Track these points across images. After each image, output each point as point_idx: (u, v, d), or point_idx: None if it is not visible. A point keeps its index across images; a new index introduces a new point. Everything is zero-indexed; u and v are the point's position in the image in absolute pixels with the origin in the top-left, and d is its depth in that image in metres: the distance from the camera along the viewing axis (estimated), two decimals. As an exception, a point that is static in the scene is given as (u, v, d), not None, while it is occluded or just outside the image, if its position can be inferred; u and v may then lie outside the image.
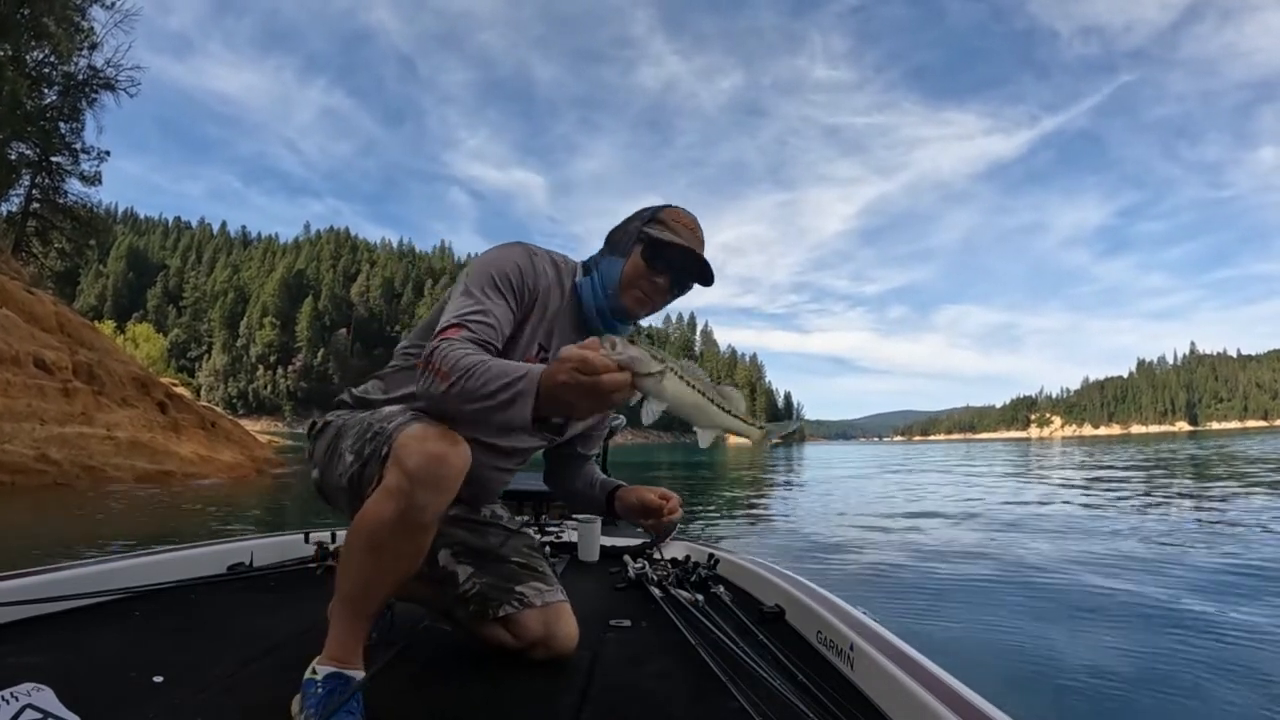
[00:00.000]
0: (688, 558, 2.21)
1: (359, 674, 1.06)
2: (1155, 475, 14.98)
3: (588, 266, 1.35)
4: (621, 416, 2.91)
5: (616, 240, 1.33)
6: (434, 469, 1.01)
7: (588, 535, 2.39)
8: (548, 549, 2.41)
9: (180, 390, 17.48)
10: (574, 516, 2.84)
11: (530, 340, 1.28)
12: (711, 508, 9.87)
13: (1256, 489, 10.77)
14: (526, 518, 2.99)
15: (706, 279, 1.32)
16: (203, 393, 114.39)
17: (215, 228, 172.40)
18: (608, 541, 2.43)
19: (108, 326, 48.10)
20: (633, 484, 3.61)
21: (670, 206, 1.35)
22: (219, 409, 22.39)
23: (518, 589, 1.35)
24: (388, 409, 1.21)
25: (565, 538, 2.55)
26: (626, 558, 2.21)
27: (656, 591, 1.81)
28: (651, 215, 1.32)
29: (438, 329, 1.15)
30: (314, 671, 1.04)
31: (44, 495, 9.22)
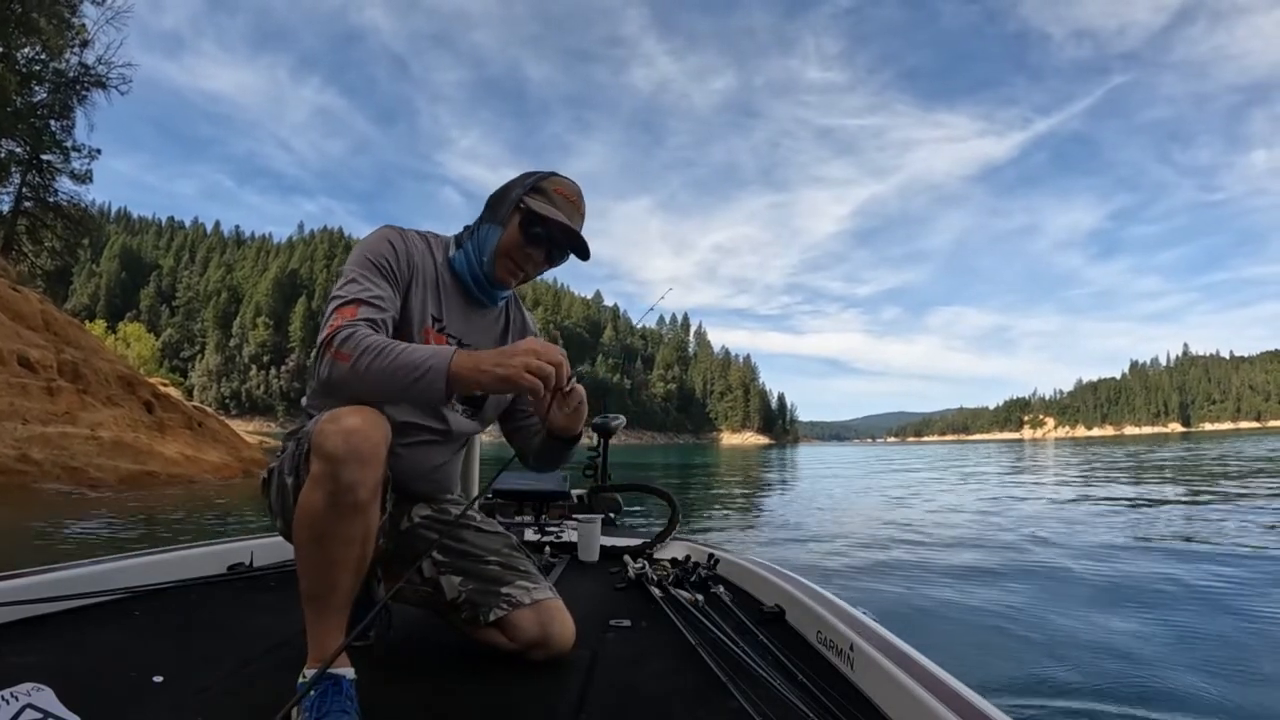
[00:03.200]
0: (688, 558, 2.22)
1: (347, 670, 1.05)
2: (1148, 475, 15.09)
3: (460, 240, 1.36)
4: (621, 416, 2.93)
5: (496, 205, 1.32)
6: (353, 443, 1.00)
7: (588, 535, 2.39)
8: (548, 549, 2.42)
9: (168, 389, 17.32)
10: (574, 516, 2.84)
11: (422, 313, 1.28)
12: (710, 508, 9.88)
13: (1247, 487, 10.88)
14: (527, 517, 2.99)
15: (582, 253, 1.32)
16: (195, 393, 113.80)
17: (209, 227, 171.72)
18: (608, 541, 2.43)
19: (99, 326, 47.77)
20: (630, 481, 3.61)
21: (554, 175, 1.33)
22: (210, 409, 22.24)
23: (503, 590, 1.34)
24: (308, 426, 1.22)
25: (565, 538, 2.54)
26: (626, 558, 2.21)
27: (656, 591, 1.82)
28: (533, 184, 1.30)
29: (330, 311, 1.14)
30: (304, 676, 1.05)
31: (16, 496, 9.05)
